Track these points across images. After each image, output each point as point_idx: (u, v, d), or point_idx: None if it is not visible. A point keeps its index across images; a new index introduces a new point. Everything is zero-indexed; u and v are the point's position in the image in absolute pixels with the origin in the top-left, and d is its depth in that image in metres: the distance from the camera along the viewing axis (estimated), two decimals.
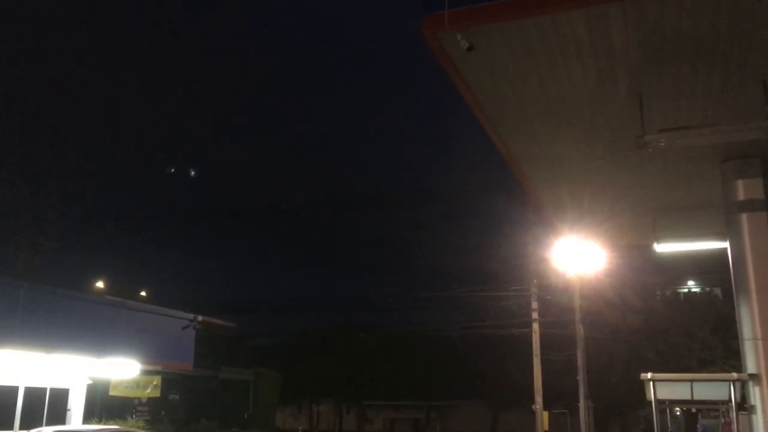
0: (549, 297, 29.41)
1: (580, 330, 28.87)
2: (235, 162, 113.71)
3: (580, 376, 28.41)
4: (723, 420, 13.30)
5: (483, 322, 35.05)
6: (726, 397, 11.27)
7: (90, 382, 17.63)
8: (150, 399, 23.14)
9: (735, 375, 11.07)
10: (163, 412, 24.78)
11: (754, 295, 10.78)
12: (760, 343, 10.55)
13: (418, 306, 40.37)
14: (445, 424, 50.30)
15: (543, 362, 27.06)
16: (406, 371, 46.15)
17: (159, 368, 22.22)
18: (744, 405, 10.99)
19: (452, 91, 9.04)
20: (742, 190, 11.16)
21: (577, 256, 23.14)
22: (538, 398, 26.22)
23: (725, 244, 11.85)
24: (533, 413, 26.72)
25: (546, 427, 26.54)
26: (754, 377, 10.52)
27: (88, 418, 18.69)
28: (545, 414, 26.59)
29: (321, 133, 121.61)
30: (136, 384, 21.61)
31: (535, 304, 27.49)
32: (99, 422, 18.39)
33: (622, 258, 26.29)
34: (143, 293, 42.93)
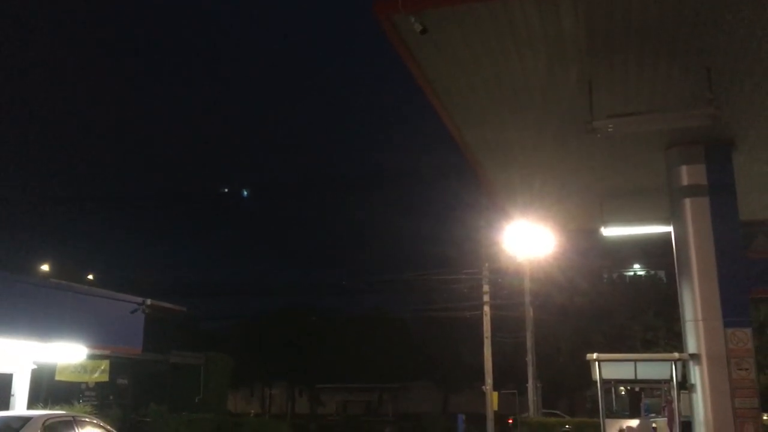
0: (500, 280, 29.84)
1: (529, 312, 29.41)
2: (186, 144, 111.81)
3: (529, 358, 28.97)
4: (665, 398, 13.73)
5: (435, 305, 35.40)
6: (668, 377, 11.63)
7: (35, 366, 17.20)
8: (98, 383, 22.73)
9: (677, 355, 11.42)
10: (111, 397, 24.35)
11: (695, 278, 11.12)
12: (700, 324, 10.91)
13: (371, 290, 40.64)
14: (397, 406, 50.76)
15: (493, 344, 27.47)
16: (359, 354, 46.34)
17: (107, 352, 21.80)
18: (685, 384, 11.35)
19: (407, 75, 9.04)
20: (685, 175, 11.46)
21: (527, 239, 23.54)
22: (489, 379, 26.64)
23: (669, 229, 12.17)
24: (483, 394, 27.14)
25: (495, 408, 26.99)
26: (695, 357, 10.88)
27: (33, 403, 18.26)
28: (495, 394, 27.02)
29: (275, 117, 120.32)
30: (83, 368, 21.17)
31: (486, 287, 27.85)
32: (45, 407, 17.99)
33: (570, 241, 26.86)
34: (90, 277, 42.06)
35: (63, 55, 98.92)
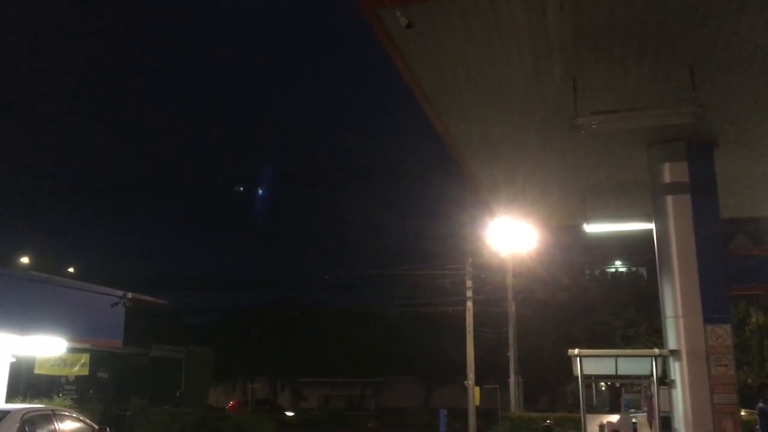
0: (483, 275, 29.93)
1: (511, 308, 29.54)
2: (169, 136, 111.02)
3: (511, 353, 29.11)
4: (645, 394, 13.84)
5: (418, 300, 35.46)
6: (648, 372, 11.72)
7: (14, 360, 17.01)
8: (78, 377, 22.52)
9: (657, 351, 11.51)
10: (91, 391, 24.17)
11: (676, 275, 11.21)
12: (681, 320, 11.00)
13: (354, 284, 40.55)
14: (379, 400, 50.85)
15: (476, 339, 27.57)
16: (342, 348, 46.34)
17: (87, 346, 21.63)
18: (665, 380, 11.45)
19: (393, 70, 9.02)
20: (668, 173, 11.54)
21: (510, 235, 23.63)
22: (471, 374, 26.74)
23: (651, 225, 12.24)
24: (465, 388, 27.24)
25: (477, 402, 27.10)
26: (675, 353, 10.97)
27: (12, 396, 18.09)
28: (477, 389, 27.13)
29: (260, 110, 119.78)
30: (63, 362, 20.97)
31: (469, 283, 27.93)
32: (24, 401, 17.81)
33: (553, 237, 27.00)
34: (71, 269, 41.66)
35: (46, 42, 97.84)
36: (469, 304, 27.56)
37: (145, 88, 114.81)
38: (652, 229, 12.21)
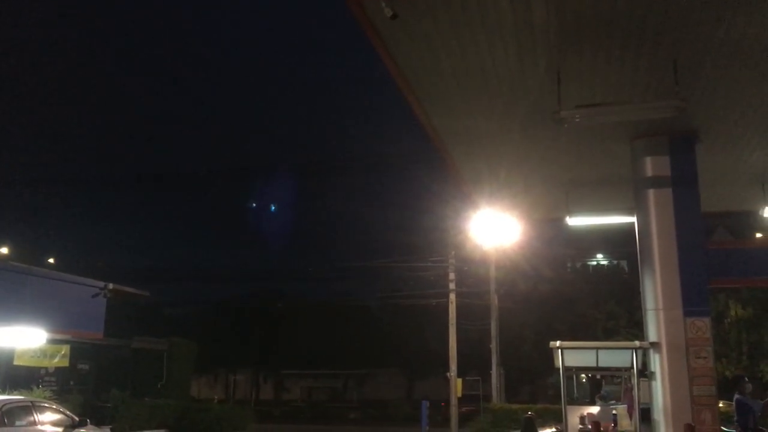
0: (466, 268, 30.01)
1: (494, 300, 29.70)
2: (151, 127, 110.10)
3: (493, 345, 29.29)
4: (625, 386, 13.96)
5: (401, 292, 35.50)
6: (629, 364, 11.82)
7: None
8: (58, 369, 22.35)
9: (637, 343, 11.60)
10: (71, 382, 23.98)
11: (657, 268, 11.30)
12: (661, 313, 11.10)
13: (337, 276, 40.56)
14: (362, 392, 50.94)
15: (458, 331, 27.66)
16: (324, 340, 46.31)
17: (67, 337, 21.47)
18: (645, 372, 11.56)
19: (378, 62, 8.98)
20: (650, 167, 11.62)
21: (493, 228, 23.68)
22: (453, 366, 26.84)
23: (633, 219, 12.33)
24: (448, 380, 27.35)
25: (459, 394, 27.23)
26: (655, 345, 11.08)
27: None
28: (459, 381, 27.25)
29: (241, 101, 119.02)
30: (42, 353, 20.80)
31: (452, 275, 28.00)
32: (3, 392, 17.65)
33: (535, 230, 27.12)
34: (51, 260, 41.28)
35: (25, 30, 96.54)
36: (452, 296, 27.63)
37: (124, 79, 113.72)
38: (633, 223, 12.30)
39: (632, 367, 11.69)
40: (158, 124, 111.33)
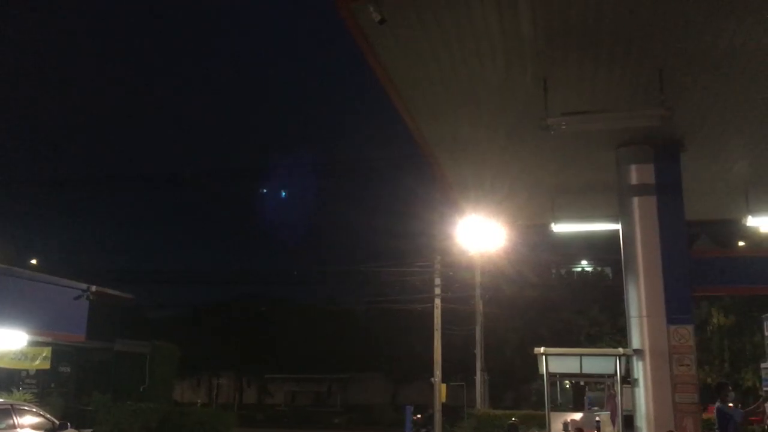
0: (451, 273, 30.03)
1: (479, 305, 29.74)
2: (135, 128, 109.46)
3: (478, 350, 29.32)
4: (608, 393, 14.03)
5: (386, 297, 35.47)
6: (612, 371, 11.87)
7: None
8: (39, 371, 22.17)
9: (621, 350, 11.66)
10: (53, 385, 23.75)
11: (641, 276, 11.36)
12: (644, 320, 11.15)
13: (321, 280, 40.46)
14: (346, 397, 50.79)
15: (443, 336, 27.65)
16: (308, 344, 46.17)
17: (49, 339, 21.30)
18: (628, 378, 11.61)
19: (366, 67, 8.97)
20: (634, 174, 11.68)
21: (479, 234, 23.73)
22: (437, 371, 26.82)
23: (617, 226, 12.39)
24: (432, 385, 27.33)
25: (444, 399, 27.21)
26: (638, 352, 11.12)
27: None
28: (443, 386, 27.24)
29: (226, 103, 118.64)
30: (23, 355, 20.63)
31: (438, 280, 28.00)
32: None
33: (521, 236, 27.21)
34: (34, 262, 40.85)
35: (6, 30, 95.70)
36: (438, 301, 27.63)
37: (104, 77, 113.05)
38: (618, 230, 12.36)
39: (616, 374, 11.74)
40: (142, 125, 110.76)
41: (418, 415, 30.00)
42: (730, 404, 10.31)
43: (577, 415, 13.64)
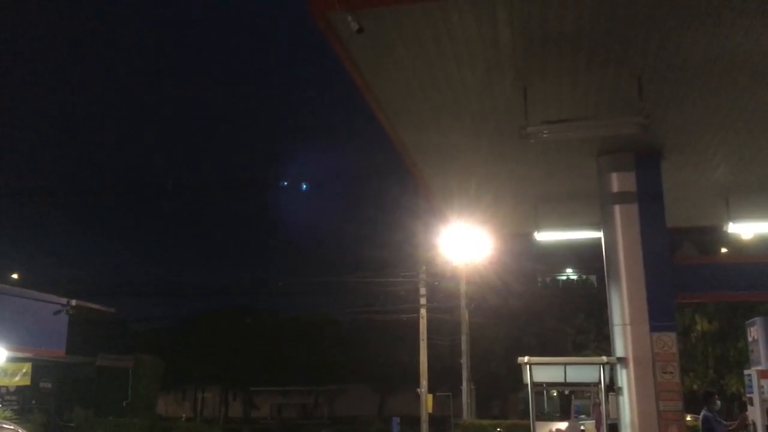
0: (437, 283, 30.01)
1: (465, 315, 29.70)
2: (116, 140, 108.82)
3: (464, 360, 29.26)
4: (593, 401, 13.99)
5: (372, 307, 35.38)
6: (596, 380, 11.84)
7: None
8: (19, 387, 21.89)
9: (605, 359, 11.62)
10: (33, 401, 23.44)
11: (624, 283, 11.35)
12: (628, 328, 11.14)
13: (307, 291, 40.27)
14: (332, 408, 50.51)
15: (429, 346, 27.58)
16: (294, 356, 45.91)
17: (29, 355, 21.02)
18: (613, 386, 11.58)
19: (346, 76, 8.92)
20: (616, 182, 11.70)
21: (464, 243, 23.73)
22: (424, 381, 26.72)
23: (600, 234, 12.40)
24: (418, 396, 27.23)
25: (430, 409, 27.10)
26: (622, 360, 11.10)
27: None
28: (430, 396, 27.14)
29: (209, 113, 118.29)
30: (3, 372, 20.36)
31: (423, 290, 27.94)
32: None
33: (506, 245, 27.23)
34: (15, 276, 40.38)
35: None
36: (423, 311, 27.56)
37: (84, 89, 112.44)
38: (600, 238, 12.36)
39: (600, 383, 11.71)
40: (124, 137, 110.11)
41: None
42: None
43: (563, 425, 13.60)
